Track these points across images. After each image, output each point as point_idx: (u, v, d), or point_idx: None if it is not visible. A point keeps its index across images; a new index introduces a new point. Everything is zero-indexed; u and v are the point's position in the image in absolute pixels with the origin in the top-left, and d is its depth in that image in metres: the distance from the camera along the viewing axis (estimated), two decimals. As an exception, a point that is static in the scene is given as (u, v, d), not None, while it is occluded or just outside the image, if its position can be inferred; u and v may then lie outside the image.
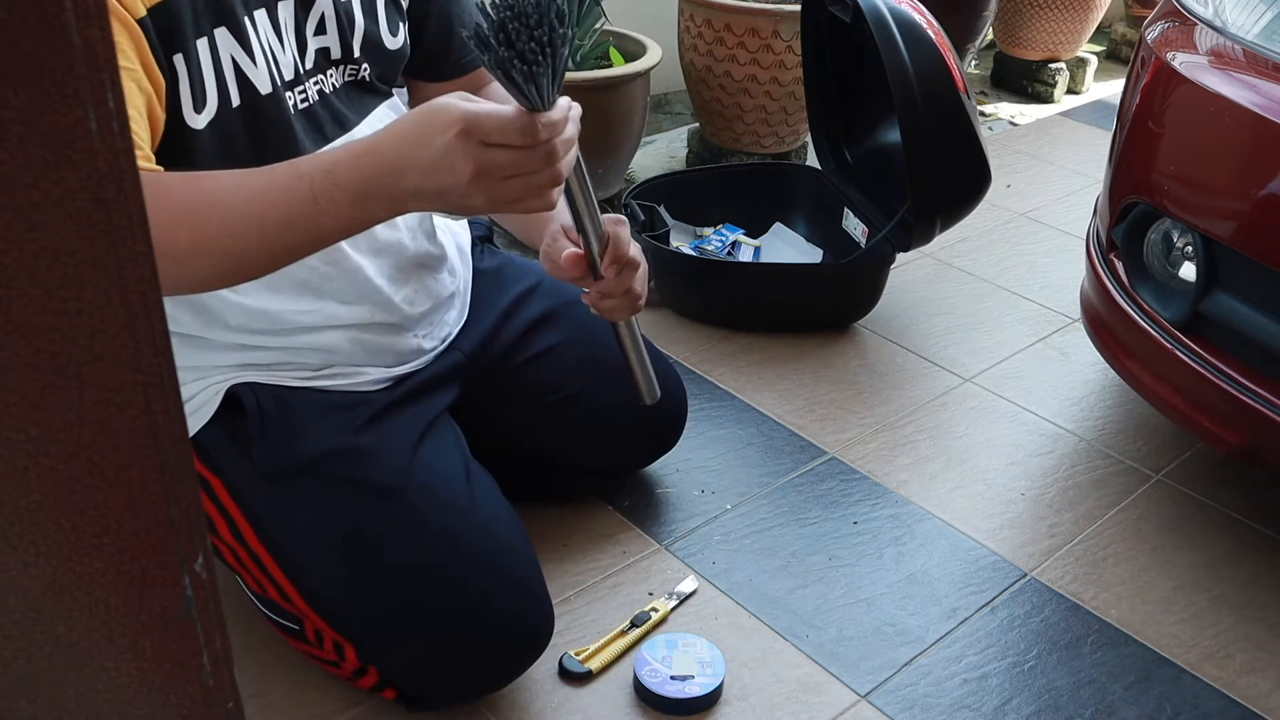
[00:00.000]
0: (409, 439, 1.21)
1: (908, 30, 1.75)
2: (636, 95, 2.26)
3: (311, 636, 1.21)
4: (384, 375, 1.25)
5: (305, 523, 1.16)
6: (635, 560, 1.48)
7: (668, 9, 2.62)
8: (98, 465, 0.43)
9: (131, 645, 0.47)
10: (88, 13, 0.36)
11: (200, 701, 0.50)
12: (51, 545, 0.44)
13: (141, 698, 0.49)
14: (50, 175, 0.37)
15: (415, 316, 1.27)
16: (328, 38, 1.16)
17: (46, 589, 0.45)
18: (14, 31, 0.35)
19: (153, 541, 0.45)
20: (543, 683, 1.29)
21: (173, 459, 0.44)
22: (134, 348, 0.41)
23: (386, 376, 1.25)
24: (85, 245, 0.39)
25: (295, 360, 1.20)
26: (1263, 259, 1.34)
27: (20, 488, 0.42)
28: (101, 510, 0.44)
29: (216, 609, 0.48)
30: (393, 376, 1.26)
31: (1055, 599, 1.47)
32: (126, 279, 0.40)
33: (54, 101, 0.36)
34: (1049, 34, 3.31)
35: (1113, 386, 1.93)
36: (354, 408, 1.21)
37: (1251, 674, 1.38)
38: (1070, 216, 2.57)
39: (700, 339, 1.98)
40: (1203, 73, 1.47)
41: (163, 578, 0.46)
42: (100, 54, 0.37)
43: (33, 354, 0.40)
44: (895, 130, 1.83)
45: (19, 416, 0.41)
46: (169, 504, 0.45)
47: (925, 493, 1.65)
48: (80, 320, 0.40)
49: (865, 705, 1.30)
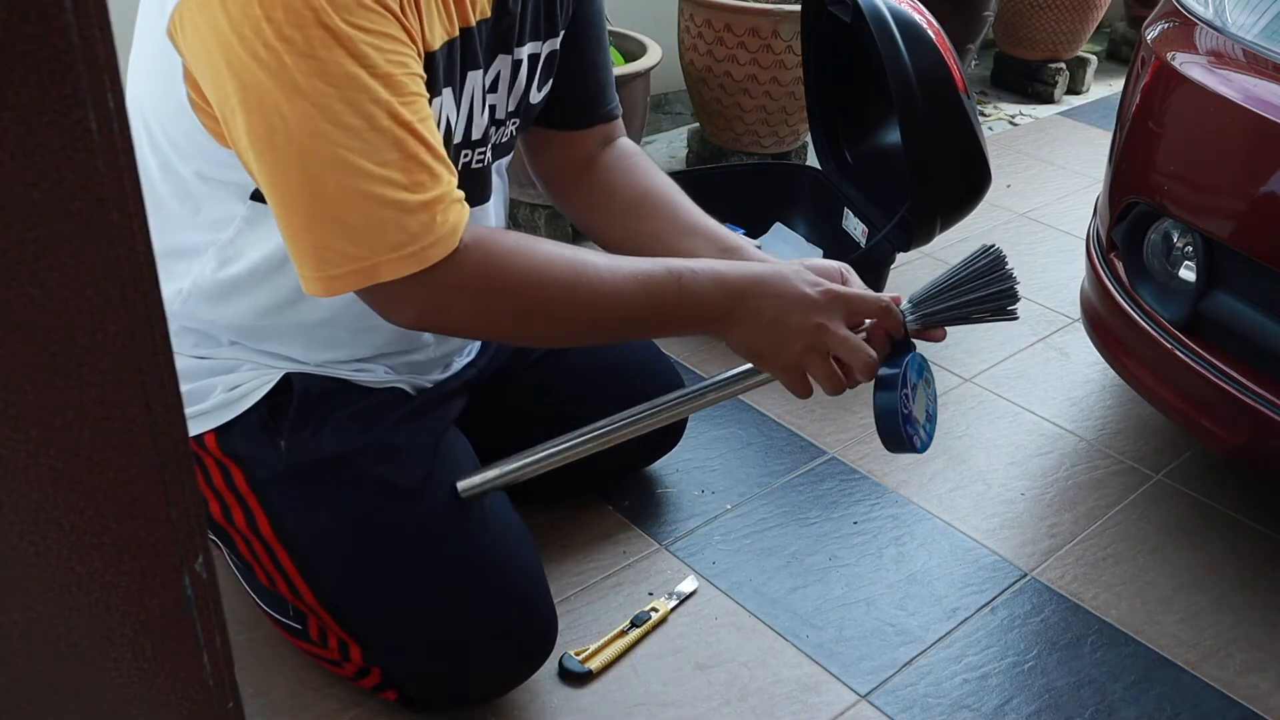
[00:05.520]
0: (429, 444, 1.22)
1: (908, 30, 1.75)
2: (637, 95, 2.26)
3: (315, 635, 1.21)
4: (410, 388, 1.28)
5: (323, 516, 1.16)
6: (635, 560, 1.48)
7: (668, 9, 2.62)
8: (98, 465, 0.43)
9: (131, 645, 0.47)
10: (88, 13, 0.36)
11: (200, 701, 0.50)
12: (51, 545, 0.44)
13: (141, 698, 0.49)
14: (50, 175, 0.37)
15: (444, 354, 1.30)
16: (496, 96, 1.18)
17: (46, 589, 0.45)
18: (14, 31, 0.35)
19: (153, 541, 0.45)
20: (543, 683, 1.29)
21: (172, 459, 0.44)
22: (134, 348, 0.41)
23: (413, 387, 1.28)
24: (85, 245, 0.39)
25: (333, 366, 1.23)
26: (1263, 259, 1.34)
27: (20, 488, 0.42)
28: (101, 510, 0.44)
29: (216, 609, 0.49)
30: (416, 386, 1.28)
31: (1055, 599, 1.47)
32: (126, 279, 0.40)
33: (54, 101, 0.36)
34: (1049, 34, 3.31)
35: (1113, 386, 1.93)
36: (384, 409, 1.22)
37: (1251, 674, 1.38)
38: (1070, 216, 2.57)
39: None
40: (1203, 73, 1.46)
41: (163, 577, 0.46)
42: (100, 54, 0.37)
43: (33, 354, 0.40)
44: (895, 130, 1.83)
45: (19, 416, 0.41)
46: (169, 504, 0.45)
47: (925, 493, 1.65)
48: (80, 320, 0.40)
49: (865, 705, 1.30)
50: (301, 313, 1.15)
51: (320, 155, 0.92)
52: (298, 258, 0.97)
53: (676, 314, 1.09)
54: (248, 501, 1.18)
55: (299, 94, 0.90)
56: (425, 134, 0.96)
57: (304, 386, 1.19)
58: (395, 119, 0.94)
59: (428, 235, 0.96)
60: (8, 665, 0.47)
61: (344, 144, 0.92)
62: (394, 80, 0.94)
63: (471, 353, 1.38)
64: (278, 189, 0.95)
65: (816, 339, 1.07)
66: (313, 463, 1.17)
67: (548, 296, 1.05)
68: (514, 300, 1.05)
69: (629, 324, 1.11)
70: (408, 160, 0.95)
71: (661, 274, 1.08)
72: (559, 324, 1.09)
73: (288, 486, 1.17)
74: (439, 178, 0.97)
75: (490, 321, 1.08)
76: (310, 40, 0.89)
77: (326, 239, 0.95)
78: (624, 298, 1.07)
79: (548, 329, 1.11)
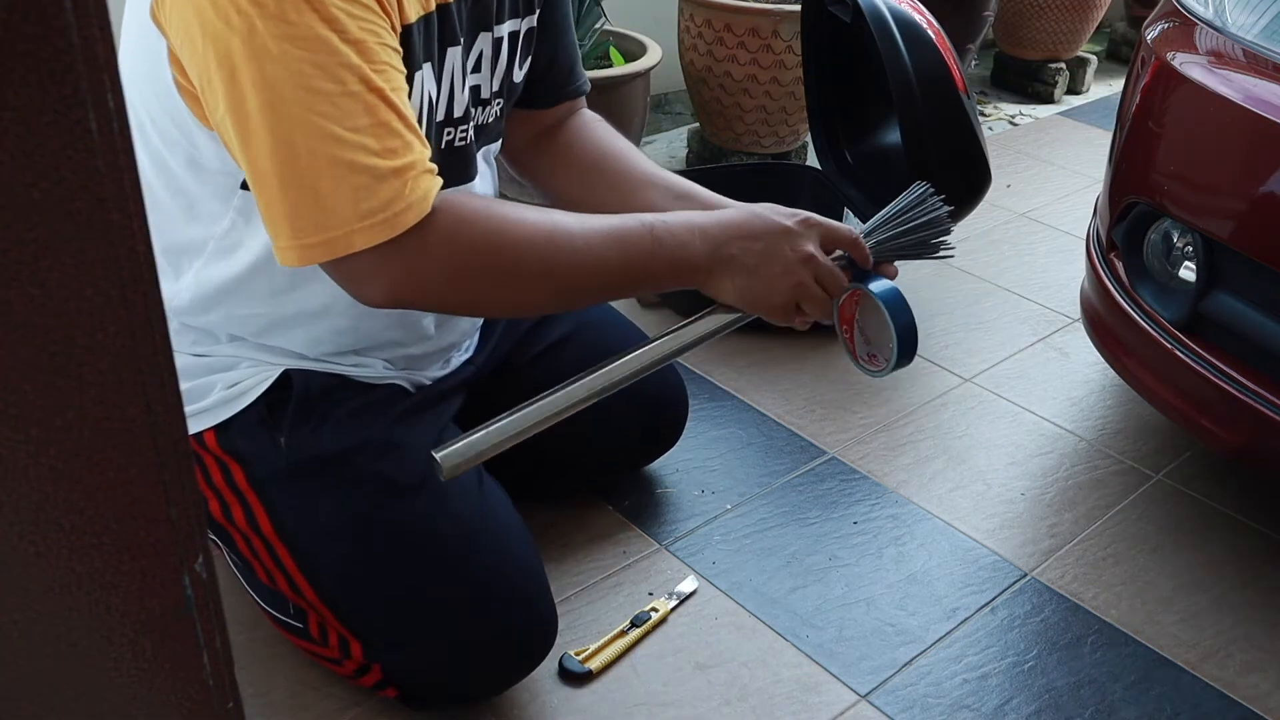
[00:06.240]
0: (428, 440, 1.22)
1: (908, 30, 1.75)
2: (637, 95, 2.26)
3: (316, 633, 1.21)
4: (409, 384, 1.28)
5: (323, 513, 1.16)
6: (635, 560, 1.48)
7: (668, 9, 2.62)
8: (98, 465, 0.43)
9: (131, 645, 0.47)
10: (88, 13, 0.36)
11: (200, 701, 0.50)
12: (51, 545, 0.44)
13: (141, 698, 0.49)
14: (50, 175, 0.37)
15: (443, 348, 1.30)
16: (480, 76, 1.18)
17: (46, 589, 0.45)
18: (14, 31, 0.35)
19: (152, 541, 0.45)
20: (543, 683, 1.29)
21: (172, 459, 0.44)
22: (134, 348, 0.41)
23: (411, 384, 1.28)
24: (85, 245, 0.39)
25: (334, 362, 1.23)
26: (1263, 259, 1.34)
27: (20, 488, 0.42)
28: (101, 510, 0.44)
29: (216, 609, 0.49)
30: (415, 383, 1.28)
31: (1055, 599, 1.47)
32: (126, 279, 0.40)
33: (54, 101, 0.36)
34: (1049, 34, 3.31)
35: (1113, 386, 1.93)
36: (383, 406, 1.22)
37: (1251, 674, 1.38)
38: (1070, 216, 2.57)
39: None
40: (1203, 73, 1.46)
41: (163, 577, 0.46)
42: (100, 54, 0.37)
43: (33, 354, 0.40)
44: (895, 130, 1.83)
45: (19, 416, 0.41)
46: (169, 504, 0.45)
47: (925, 493, 1.65)
48: (80, 320, 0.40)
49: (865, 705, 1.30)
50: (299, 301, 1.14)
51: (291, 120, 0.92)
52: (272, 227, 0.97)
53: (652, 268, 1.09)
54: (248, 499, 1.18)
55: (269, 58, 0.90)
56: (397, 102, 0.96)
57: (303, 383, 1.19)
58: (367, 84, 0.94)
59: (399, 201, 0.96)
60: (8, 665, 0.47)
61: (315, 108, 0.92)
62: (365, 47, 0.94)
63: (470, 349, 1.38)
64: (251, 157, 0.95)
65: (807, 270, 1.10)
66: (312, 459, 1.17)
67: (520, 257, 1.04)
68: (486, 264, 1.03)
69: (606, 281, 1.09)
70: (379, 127, 0.95)
71: (635, 227, 1.08)
72: (534, 287, 1.07)
73: (287, 483, 1.17)
74: (411, 146, 0.97)
75: (464, 289, 1.05)
76: (281, 4, 0.90)
77: (299, 206, 0.94)
78: (598, 254, 1.06)
79: (523, 293, 1.09)
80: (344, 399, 1.20)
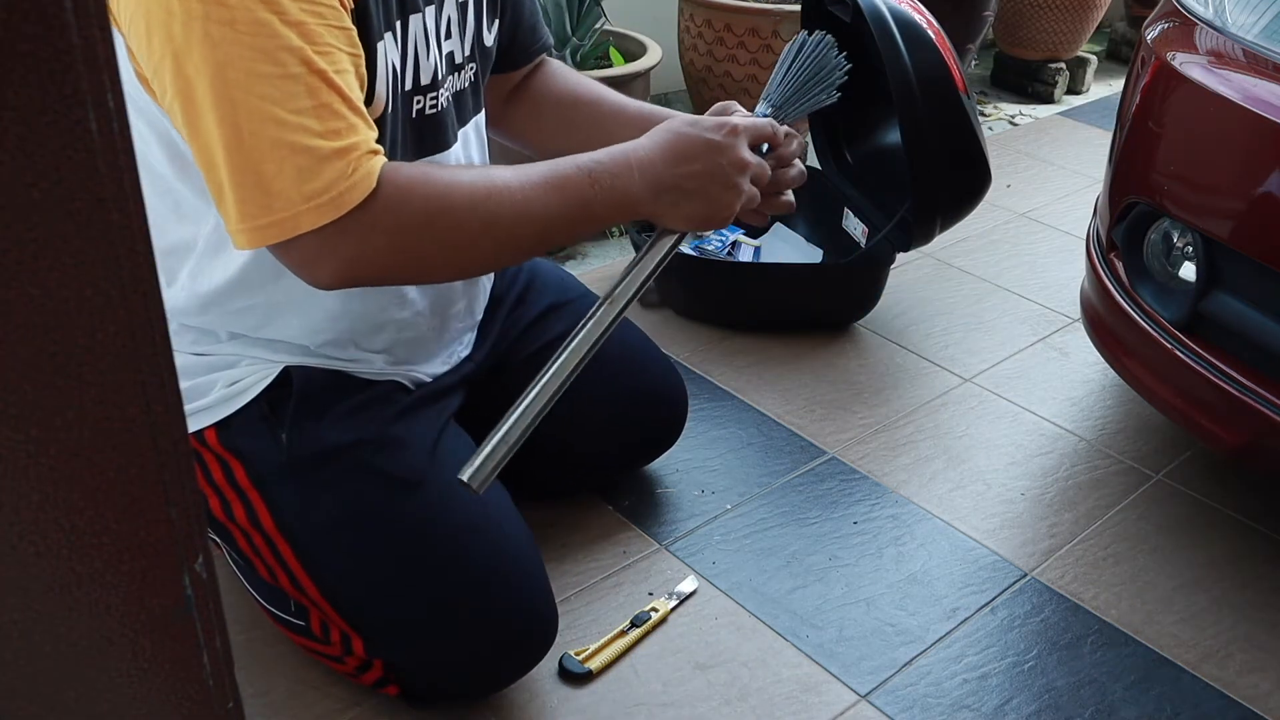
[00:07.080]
0: (429, 437, 1.22)
1: (908, 30, 1.75)
2: (637, 95, 2.25)
3: (317, 630, 1.21)
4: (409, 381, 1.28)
5: (324, 508, 1.16)
6: (635, 560, 1.48)
7: (668, 9, 2.62)
8: (98, 465, 0.43)
9: (131, 645, 0.47)
10: (88, 13, 0.36)
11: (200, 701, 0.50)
12: (51, 545, 0.44)
13: (141, 698, 0.49)
14: (50, 175, 0.37)
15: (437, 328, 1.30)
16: (452, 41, 1.18)
17: (46, 589, 0.45)
18: (14, 31, 0.35)
19: (152, 541, 0.45)
20: (543, 683, 1.29)
21: (172, 459, 0.44)
22: (134, 348, 0.41)
23: (411, 381, 1.28)
24: (85, 245, 0.39)
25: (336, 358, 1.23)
26: (1263, 259, 1.34)
27: (20, 488, 0.42)
28: (101, 510, 0.44)
29: (216, 609, 0.49)
30: (414, 380, 1.28)
31: (1055, 599, 1.47)
32: (126, 279, 0.40)
33: (54, 101, 0.36)
34: (1049, 34, 3.31)
35: (1113, 386, 1.93)
36: (383, 402, 1.22)
37: (1251, 674, 1.38)
38: (1070, 216, 2.57)
39: (700, 339, 1.98)
40: (1203, 73, 1.46)
41: (162, 577, 0.46)
42: (100, 54, 0.37)
43: (33, 354, 0.40)
44: (895, 130, 1.83)
45: (19, 416, 0.41)
46: (168, 504, 0.45)
47: (925, 493, 1.65)
48: (80, 320, 0.40)
49: (865, 705, 1.30)
50: (289, 285, 1.14)
51: (234, 104, 0.92)
52: (224, 212, 0.98)
53: (593, 209, 1.10)
54: (248, 496, 1.18)
55: (210, 43, 0.91)
56: (341, 84, 0.96)
57: (303, 379, 1.19)
58: (309, 66, 0.94)
59: (343, 181, 0.96)
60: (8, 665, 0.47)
61: (256, 91, 0.92)
62: (307, 29, 0.94)
63: (468, 345, 1.38)
64: (199, 143, 0.95)
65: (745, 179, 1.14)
66: (313, 455, 1.17)
67: (462, 219, 1.04)
68: (432, 231, 1.04)
69: (548, 227, 1.10)
70: (321, 109, 0.95)
71: (570, 170, 1.09)
72: (480, 245, 1.08)
73: (288, 479, 1.17)
74: (355, 127, 0.97)
75: (412, 257, 1.05)
76: None
77: (246, 189, 0.95)
78: (538, 203, 1.07)
79: (471, 251, 1.09)
80: (344, 395, 1.20)
